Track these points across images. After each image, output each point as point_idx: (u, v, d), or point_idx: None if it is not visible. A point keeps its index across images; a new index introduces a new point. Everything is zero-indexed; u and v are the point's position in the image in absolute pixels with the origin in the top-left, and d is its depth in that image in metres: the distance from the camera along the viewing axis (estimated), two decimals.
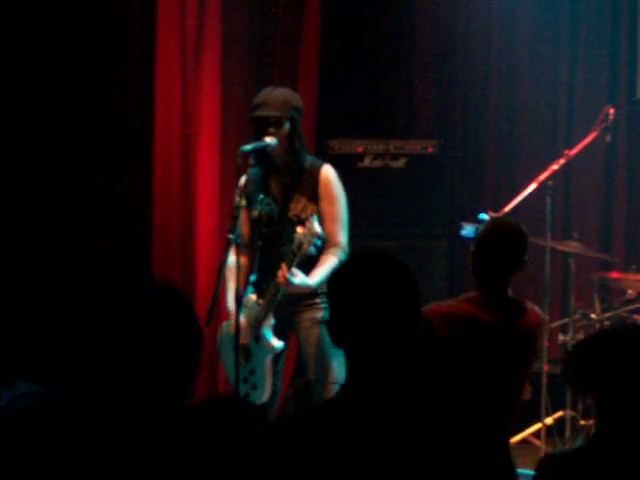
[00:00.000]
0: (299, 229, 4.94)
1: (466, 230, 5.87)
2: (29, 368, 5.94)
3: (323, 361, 5.16)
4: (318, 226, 4.91)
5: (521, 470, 3.80)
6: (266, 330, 5.17)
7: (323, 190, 5.20)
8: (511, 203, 6.10)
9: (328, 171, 5.24)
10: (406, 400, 2.47)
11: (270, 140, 5.15)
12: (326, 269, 5.08)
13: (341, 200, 5.23)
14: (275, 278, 5.04)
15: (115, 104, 6.85)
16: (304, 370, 5.38)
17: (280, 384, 5.45)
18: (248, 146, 5.17)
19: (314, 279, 5.06)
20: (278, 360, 5.29)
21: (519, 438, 6.31)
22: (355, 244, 5.33)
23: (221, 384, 6.71)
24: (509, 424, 4.41)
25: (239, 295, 5.06)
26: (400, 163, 6.78)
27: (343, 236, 5.18)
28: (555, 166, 6.19)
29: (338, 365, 5.13)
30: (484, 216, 5.71)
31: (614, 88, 7.17)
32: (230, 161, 6.40)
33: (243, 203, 5.19)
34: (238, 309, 5.01)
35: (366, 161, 6.79)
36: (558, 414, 6.37)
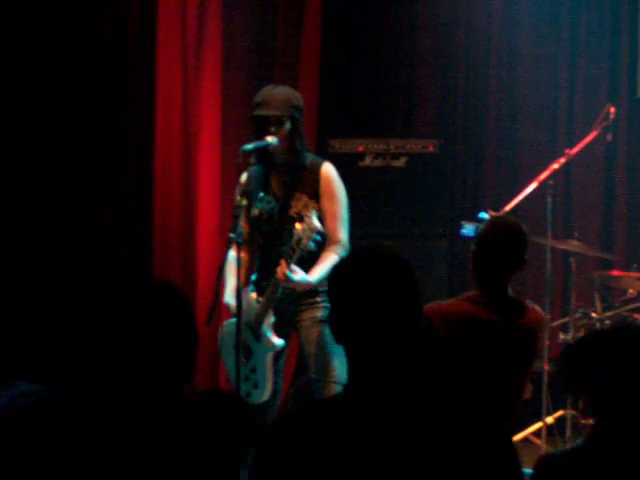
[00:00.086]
0: (298, 225, 4.93)
1: (466, 229, 5.86)
2: (29, 367, 5.94)
3: (324, 360, 5.16)
4: (317, 221, 4.91)
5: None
6: (266, 328, 5.17)
7: (324, 188, 5.20)
8: (512, 202, 6.09)
9: (329, 169, 5.24)
10: (407, 399, 2.47)
11: (271, 139, 5.14)
12: (326, 266, 5.08)
13: (342, 198, 5.22)
14: (275, 275, 5.04)
15: (116, 103, 6.86)
16: (305, 369, 5.38)
17: (281, 382, 5.44)
18: (249, 145, 5.16)
19: (314, 276, 5.06)
20: (279, 358, 5.29)
21: (520, 437, 6.31)
22: (355, 243, 5.32)
23: (222, 383, 6.72)
24: (510, 423, 4.41)
25: (240, 290, 5.05)
26: (401, 162, 6.78)
27: (344, 233, 5.18)
28: (556, 165, 6.18)
29: (339, 364, 5.13)
30: (484, 215, 5.71)
31: (615, 87, 7.17)
32: (231, 160, 6.40)
33: (244, 202, 5.18)
34: (240, 305, 5.01)
35: (367, 160, 6.79)
36: (559, 413, 6.37)
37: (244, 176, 5.31)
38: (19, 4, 6.69)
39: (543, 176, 6.14)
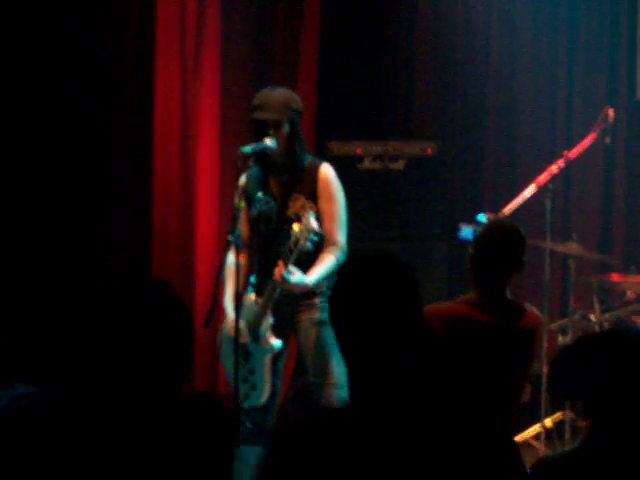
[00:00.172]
0: (295, 225, 4.93)
1: (464, 232, 5.86)
2: (28, 368, 5.94)
3: (322, 362, 5.16)
4: (314, 221, 4.90)
5: None
6: (264, 329, 5.17)
7: (322, 188, 5.20)
8: (510, 205, 6.10)
9: (327, 170, 5.24)
10: (410, 402, 2.46)
11: (270, 142, 5.14)
12: (324, 268, 5.08)
13: (340, 199, 5.22)
14: (272, 276, 5.04)
15: (115, 105, 6.86)
16: (304, 370, 5.38)
17: (280, 384, 5.44)
18: (248, 148, 5.16)
19: (311, 278, 5.06)
20: (278, 360, 5.28)
21: (518, 440, 6.30)
22: (354, 245, 5.32)
23: (221, 384, 6.72)
24: (508, 426, 4.41)
25: (239, 294, 5.06)
26: (399, 165, 6.78)
27: (342, 235, 5.17)
28: (554, 168, 6.18)
29: (337, 365, 5.13)
30: (482, 217, 5.72)
31: (613, 89, 7.17)
32: (230, 162, 6.40)
33: (242, 205, 5.18)
34: (238, 309, 5.01)
35: (365, 163, 6.78)
36: (557, 416, 6.37)
37: (243, 178, 5.32)
38: (18, 6, 6.69)
39: (542, 179, 6.14)
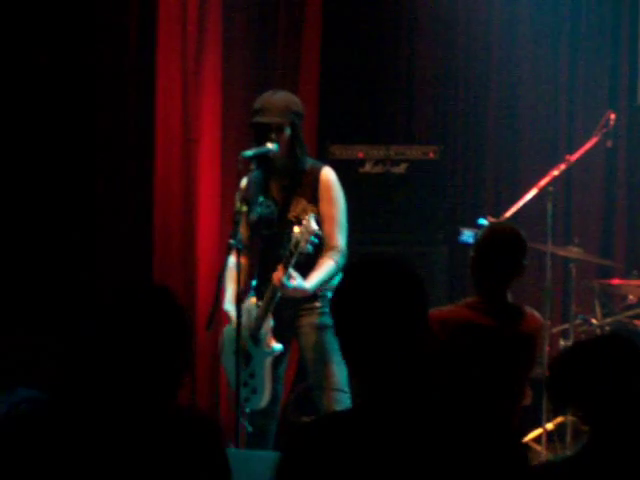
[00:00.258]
0: (296, 228, 4.93)
1: (465, 235, 5.87)
2: (29, 371, 5.93)
3: (322, 367, 5.15)
4: (315, 224, 4.90)
5: None
6: (265, 332, 5.16)
7: (323, 191, 5.19)
8: (512, 208, 6.10)
9: (328, 173, 5.24)
10: (418, 406, 2.44)
11: (271, 146, 5.14)
12: (323, 273, 5.08)
13: (340, 202, 5.22)
14: (271, 281, 5.04)
15: (116, 108, 6.86)
16: (305, 375, 5.38)
17: (281, 389, 5.43)
18: (249, 152, 5.16)
19: (311, 283, 5.05)
20: (279, 365, 5.28)
21: None
22: (355, 250, 5.32)
23: (222, 388, 6.71)
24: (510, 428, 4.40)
25: (240, 297, 5.05)
26: (401, 169, 6.77)
27: (341, 239, 5.17)
28: (556, 171, 6.18)
29: (338, 370, 5.12)
30: (483, 221, 5.72)
31: (615, 93, 7.17)
32: (231, 166, 6.40)
33: (244, 208, 5.18)
34: (239, 311, 5.01)
35: (367, 167, 6.78)
36: (559, 419, 6.36)
37: (244, 182, 5.31)
38: (18, 7, 6.69)
39: (543, 182, 6.15)
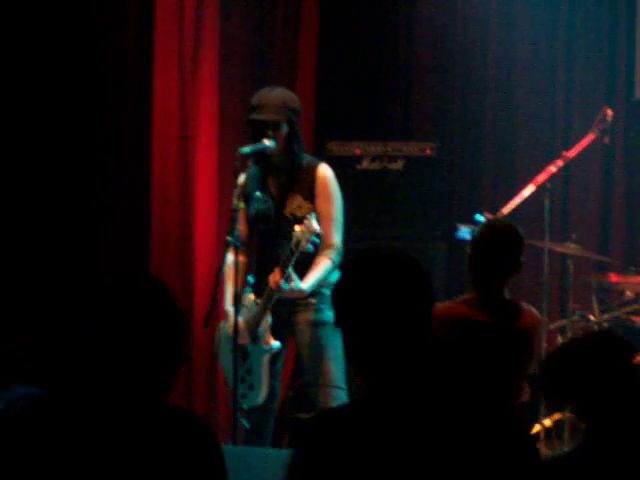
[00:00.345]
0: (297, 227, 4.93)
1: (462, 232, 5.87)
2: (27, 369, 5.93)
3: (318, 363, 5.16)
4: (316, 223, 4.90)
5: None
6: (263, 330, 5.17)
7: (320, 188, 5.20)
8: (509, 205, 6.10)
9: (325, 170, 5.24)
10: (426, 403, 2.44)
11: (268, 142, 5.15)
12: (320, 272, 5.09)
13: (337, 199, 5.22)
14: (268, 284, 5.05)
15: (113, 106, 6.86)
16: (303, 371, 5.38)
17: (279, 385, 5.44)
18: (246, 148, 5.17)
19: (307, 284, 5.05)
20: (276, 361, 5.28)
21: None
22: (352, 246, 5.32)
23: (220, 384, 6.71)
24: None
25: (238, 294, 5.06)
26: (398, 165, 6.77)
27: (337, 237, 5.17)
28: (553, 168, 6.18)
29: (334, 366, 5.13)
30: (480, 217, 5.72)
31: (612, 89, 7.16)
32: (228, 163, 6.40)
33: (241, 205, 5.19)
34: (237, 308, 5.01)
35: (364, 163, 6.78)
36: (557, 416, 6.37)
37: (241, 178, 5.32)
38: (17, 7, 6.69)
39: (540, 179, 6.15)
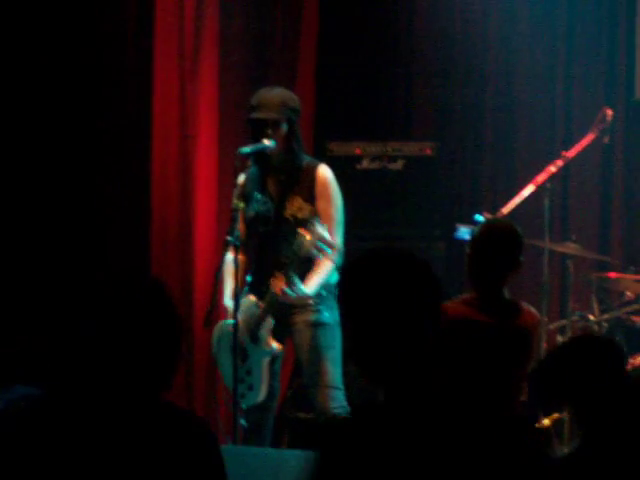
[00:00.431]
0: (303, 232, 4.92)
1: (461, 232, 5.87)
2: (27, 369, 5.94)
3: (317, 364, 5.16)
4: (323, 230, 4.90)
5: None
6: (265, 332, 5.17)
7: (320, 189, 5.20)
8: (508, 205, 6.10)
9: (325, 171, 5.25)
10: (439, 403, 2.44)
11: (268, 142, 5.15)
12: (322, 275, 5.09)
13: (337, 200, 5.23)
14: (271, 281, 5.04)
15: (114, 106, 6.86)
16: (300, 372, 5.39)
17: (278, 385, 5.44)
18: (246, 148, 5.18)
19: (310, 287, 5.06)
20: (275, 361, 5.29)
21: None
22: (352, 246, 5.32)
23: (220, 384, 6.72)
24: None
25: (237, 293, 5.06)
26: (398, 165, 6.78)
27: (338, 238, 5.17)
28: (553, 168, 6.18)
29: (332, 367, 5.14)
30: (479, 217, 5.72)
31: (612, 89, 7.16)
32: (228, 162, 6.40)
33: (241, 205, 5.19)
34: (237, 307, 5.02)
35: (364, 163, 6.78)
36: (556, 415, 6.37)
37: (241, 178, 5.32)
38: (19, 7, 6.70)
39: (540, 179, 6.14)
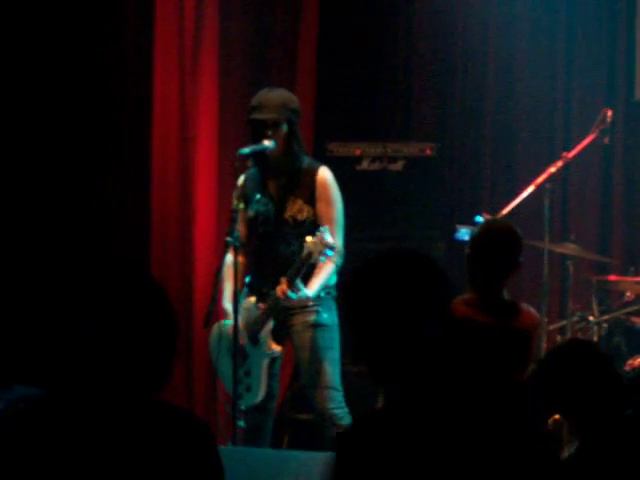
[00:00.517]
0: (309, 238, 4.93)
1: (461, 233, 5.86)
2: (26, 368, 5.94)
3: (316, 365, 5.17)
4: (330, 237, 4.90)
5: None
6: (265, 334, 5.17)
7: (320, 191, 5.21)
8: (509, 206, 6.10)
9: (325, 173, 5.25)
10: (452, 402, 2.45)
11: (268, 143, 5.16)
12: (323, 277, 5.10)
13: (338, 202, 5.23)
14: (272, 283, 5.05)
15: (113, 107, 6.87)
16: (299, 373, 5.39)
17: (277, 386, 5.44)
18: (246, 149, 5.18)
19: (312, 289, 5.07)
20: (274, 362, 5.29)
21: None
22: (352, 247, 5.33)
23: (220, 385, 6.71)
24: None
25: (237, 295, 5.06)
26: (398, 166, 6.78)
27: (339, 239, 5.17)
28: (553, 168, 6.18)
29: (331, 368, 5.15)
30: (480, 219, 5.71)
31: (612, 90, 7.16)
32: (228, 163, 6.40)
33: (241, 206, 5.20)
34: (236, 309, 5.02)
35: (364, 164, 6.78)
36: (556, 417, 6.36)
37: (241, 179, 5.33)
38: (19, 6, 6.70)
39: (540, 179, 6.14)
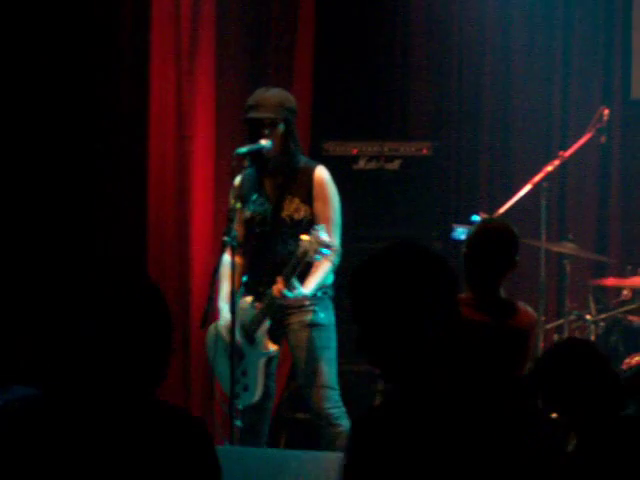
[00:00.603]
0: (304, 237, 4.93)
1: (458, 232, 5.87)
2: (25, 368, 5.95)
3: (312, 364, 5.17)
4: (325, 235, 4.91)
5: None
6: (262, 334, 5.17)
7: (318, 191, 5.21)
8: (505, 205, 6.10)
9: (322, 172, 5.25)
10: (457, 397, 2.46)
11: (265, 142, 5.16)
12: (320, 275, 5.10)
13: (335, 201, 5.23)
14: (268, 283, 5.05)
15: (110, 106, 6.86)
16: (295, 372, 5.39)
17: (274, 386, 5.44)
18: (243, 149, 5.18)
19: (309, 288, 5.07)
20: (271, 362, 5.29)
21: None
22: (348, 246, 5.33)
23: (217, 385, 6.72)
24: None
25: (234, 295, 5.06)
26: (395, 165, 6.78)
27: (336, 238, 5.18)
28: (549, 167, 6.19)
29: (327, 368, 5.15)
30: (476, 218, 5.72)
31: (609, 89, 7.17)
32: (225, 163, 6.41)
33: (238, 206, 5.19)
34: (234, 309, 5.02)
35: (361, 163, 6.79)
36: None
37: (238, 179, 5.33)
38: (17, 6, 6.70)
39: (537, 178, 6.15)
